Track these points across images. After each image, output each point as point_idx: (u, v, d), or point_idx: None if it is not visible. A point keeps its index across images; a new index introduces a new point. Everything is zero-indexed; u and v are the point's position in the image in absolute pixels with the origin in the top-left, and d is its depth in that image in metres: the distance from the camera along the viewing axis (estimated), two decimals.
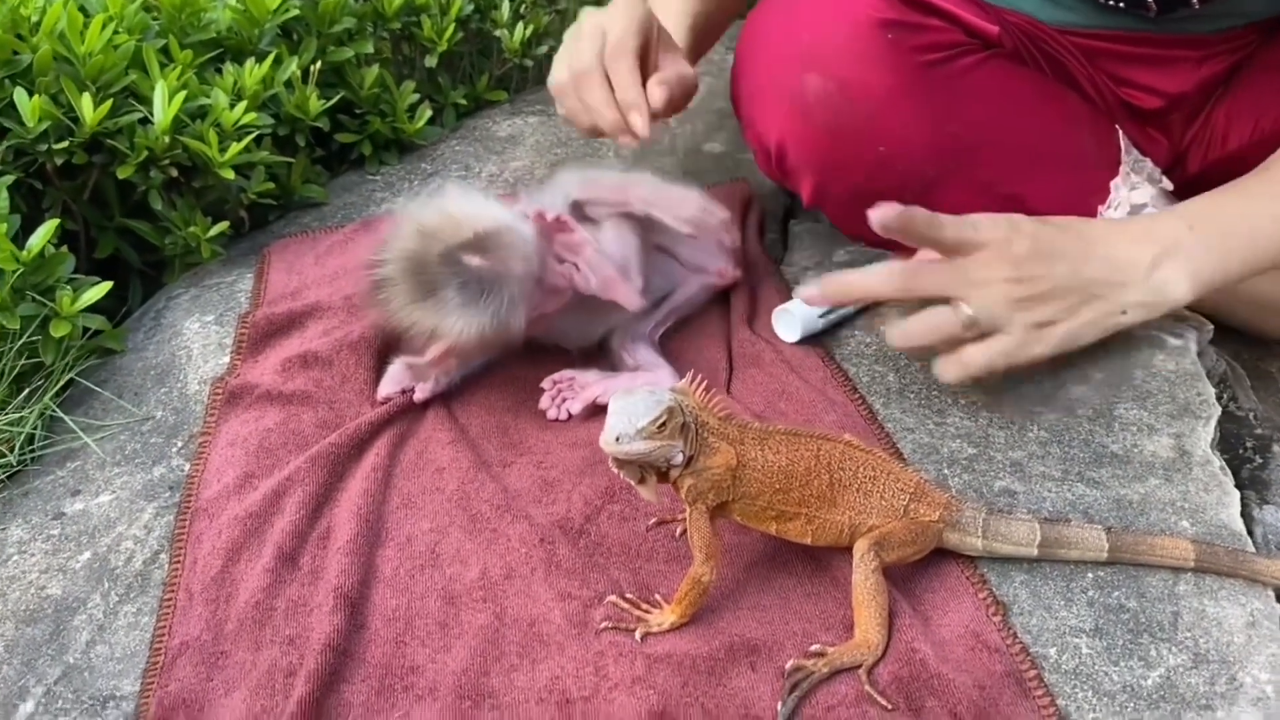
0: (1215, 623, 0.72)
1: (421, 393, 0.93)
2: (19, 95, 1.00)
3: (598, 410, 0.90)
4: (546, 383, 0.94)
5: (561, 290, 0.91)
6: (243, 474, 0.86)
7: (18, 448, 0.92)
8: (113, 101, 1.03)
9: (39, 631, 0.77)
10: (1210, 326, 0.98)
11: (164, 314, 1.08)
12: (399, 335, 0.90)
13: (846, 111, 0.92)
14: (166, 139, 1.05)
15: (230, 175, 1.08)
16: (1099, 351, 0.93)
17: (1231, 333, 1.06)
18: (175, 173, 1.08)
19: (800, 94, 0.93)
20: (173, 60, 1.12)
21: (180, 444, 0.92)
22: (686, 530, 0.73)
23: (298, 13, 1.25)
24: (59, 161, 1.04)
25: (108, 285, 0.98)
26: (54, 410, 0.95)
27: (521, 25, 1.43)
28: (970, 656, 0.69)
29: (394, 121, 1.31)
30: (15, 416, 0.93)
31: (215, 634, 0.74)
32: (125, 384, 1.00)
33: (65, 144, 1.02)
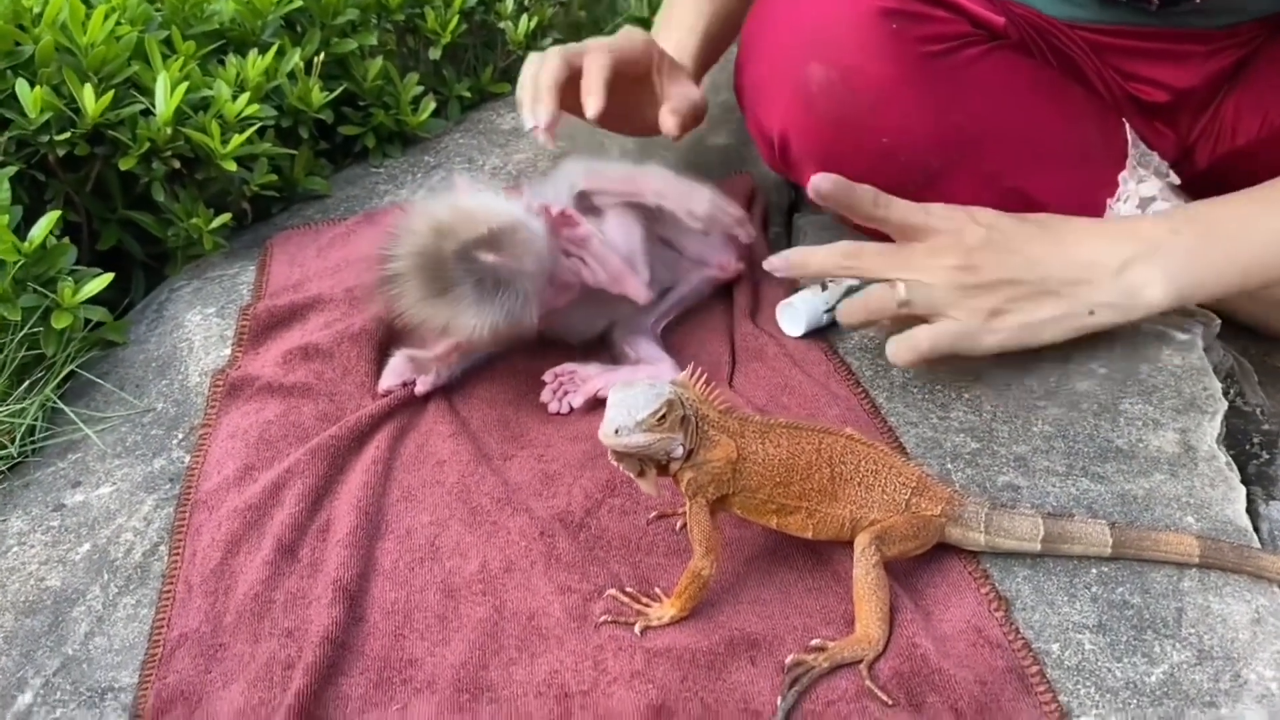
0: (1220, 619, 0.71)
1: (423, 385, 0.92)
2: (21, 86, 1.00)
3: (599, 403, 0.90)
4: (548, 376, 0.93)
5: (570, 285, 0.91)
6: (243, 466, 0.86)
7: (18, 439, 0.92)
8: (115, 93, 1.03)
9: (38, 623, 0.77)
10: (1218, 321, 0.97)
11: (166, 306, 1.08)
12: (405, 329, 0.89)
13: (850, 101, 0.92)
14: (168, 130, 1.04)
15: (232, 167, 1.08)
16: (1104, 346, 0.93)
17: (1239, 328, 1.05)
18: (177, 164, 1.08)
19: (803, 84, 0.93)
20: (175, 52, 1.12)
21: (181, 436, 0.92)
22: (686, 524, 0.73)
23: (301, 4, 1.24)
24: (61, 153, 1.03)
25: (109, 277, 0.98)
26: (55, 402, 0.95)
27: (526, 17, 1.43)
28: (972, 652, 0.69)
29: (397, 114, 1.31)
30: (16, 408, 0.93)
31: (214, 626, 0.74)
32: (126, 376, 1.00)
33: (67, 135, 1.02)
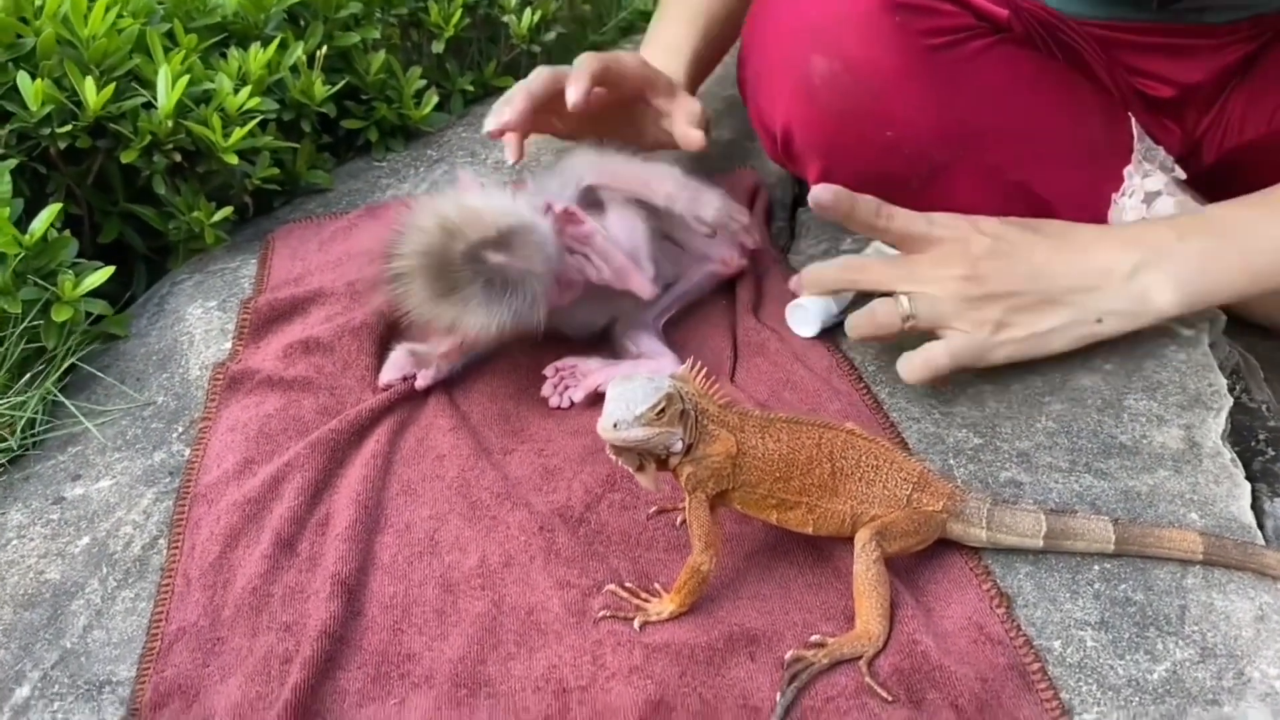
0: (1223, 616, 0.70)
1: (423, 380, 0.92)
2: (22, 79, 1.00)
3: (600, 398, 0.88)
4: (549, 370, 0.93)
5: (575, 283, 0.91)
6: (242, 460, 0.85)
7: (19, 432, 0.91)
8: (116, 85, 1.03)
9: (36, 616, 0.77)
10: (1223, 317, 0.96)
11: (167, 299, 1.08)
12: (408, 324, 0.89)
13: (853, 94, 0.91)
14: (170, 123, 1.04)
15: (234, 160, 1.07)
16: (1108, 342, 0.92)
17: (1246, 325, 1.04)
18: (179, 157, 1.08)
19: (806, 76, 0.92)
20: (177, 45, 1.11)
21: (181, 429, 0.91)
22: (686, 519, 0.72)
23: None
24: (62, 145, 1.03)
25: (109, 270, 0.98)
26: (55, 395, 0.95)
27: (529, 11, 1.42)
28: (973, 649, 0.68)
29: (400, 108, 1.31)
30: (17, 401, 0.93)
31: (212, 620, 0.74)
32: (128, 369, 0.99)
33: (68, 128, 1.02)
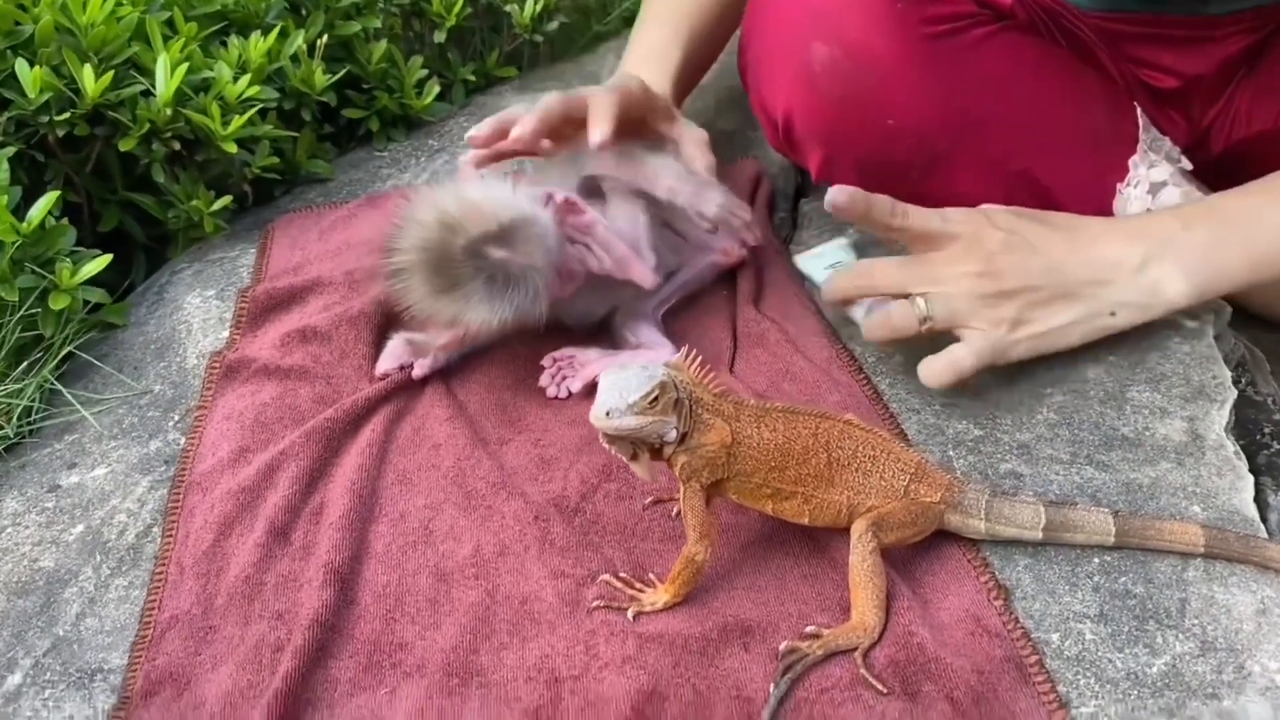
0: (1224, 610, 0.70)
1: (420, 369, 0.91)
2: (20, 66, 1.00)
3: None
4: (547, 360, 0.92)
5: (576, 274, 0.90)
6: (237, 448, 0.85)
7: (15, 420, 0.91)
8: (115, 73, 1.02)
9: (30, 604, 0.76)
10: (1228, 309, 0.95)
11: (166, 288, 1.08)
12: (406, 314, 0.88)
13: (854, 80, 0.90)
14: (169, 111, 1.04)
15: (233, 149, 1.07)
16: (1112, 334, 0.91)
17: (1252, 318, 1.03)
18: (178, 146, 1.07)
19: (807, 62, 0.91)
20: (177, 33, 1.11)
21: (177, 418, 0.91)
22: (681, 509, 0.72)
23: None
24: (60, 133, 1.03)
25: (107, 258, 0.97)
26: (53, 383, 0.95)
27: (532, 1, 1.41)
28: (970, 641, 0.68)
29: (402, 97, 1.30)
30: (14, 388, 0.93)
31: (205, 608, 0.74)
32: (125, 358, 0.99)
33: (66, 115, 1.01)
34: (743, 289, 1.01)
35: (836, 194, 0.81)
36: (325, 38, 1.22)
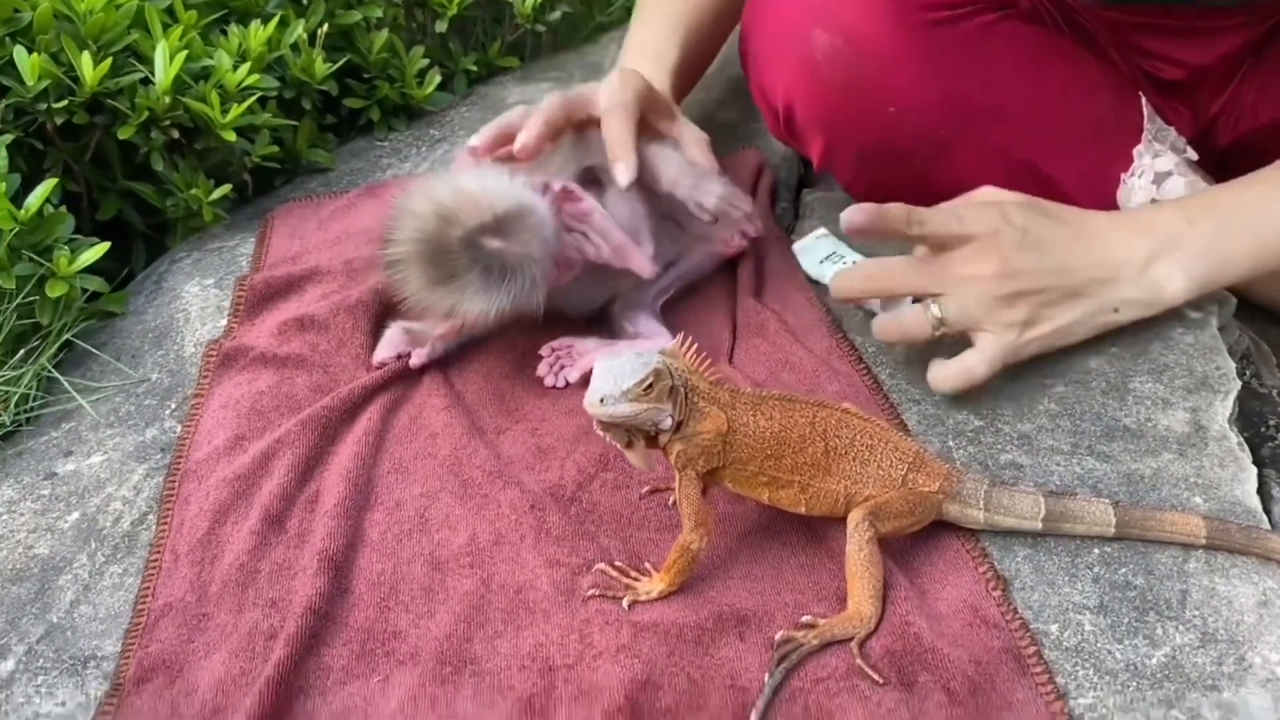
0: (1225, 601, 0.69)
1: (418, 358, 0.91)
2: (19, 53, 0.99)
3: None
4: (545, 349, 0.92)
5: (574, 263, 0.89)
6: (233, 436, 0.85)
7: (12, 408, 0.91)
8: (113, 61, 1.02)
9: (24, 590, 0.76)
10: (1233, 301, 0.94)
11: (165, 277, 1.07)
12: (401, 303, 0.88)
13: (855, 68, 0.89)
14: (167, 99, 1.03)
15: (232, 137, 1.06)
16: None
17: (1258, 309, 1.02)
18: (176, 134, 1.07)
19: (808, 50, 0.90)
20: (177, 21, 1.11)
21: (174, 406, 0.91)
22: (676, 498, 0.71)
23: None
24: (59, 121, 1.03)
25: (104, 246, 0.97)
26: (50, 371, 0.94)
27: None
28: (967, 631, 0.67)
29: (403, 87, 1.29)
30: (11, 376, 0.92)
31: (199, 596, 0.73)
32: (123, 346, 0.99)
33: (65, 103, 1.01)
34: (743, 279, 1.00)
35: (852, 215, 0.78)
36: (326, 27, 1.21)
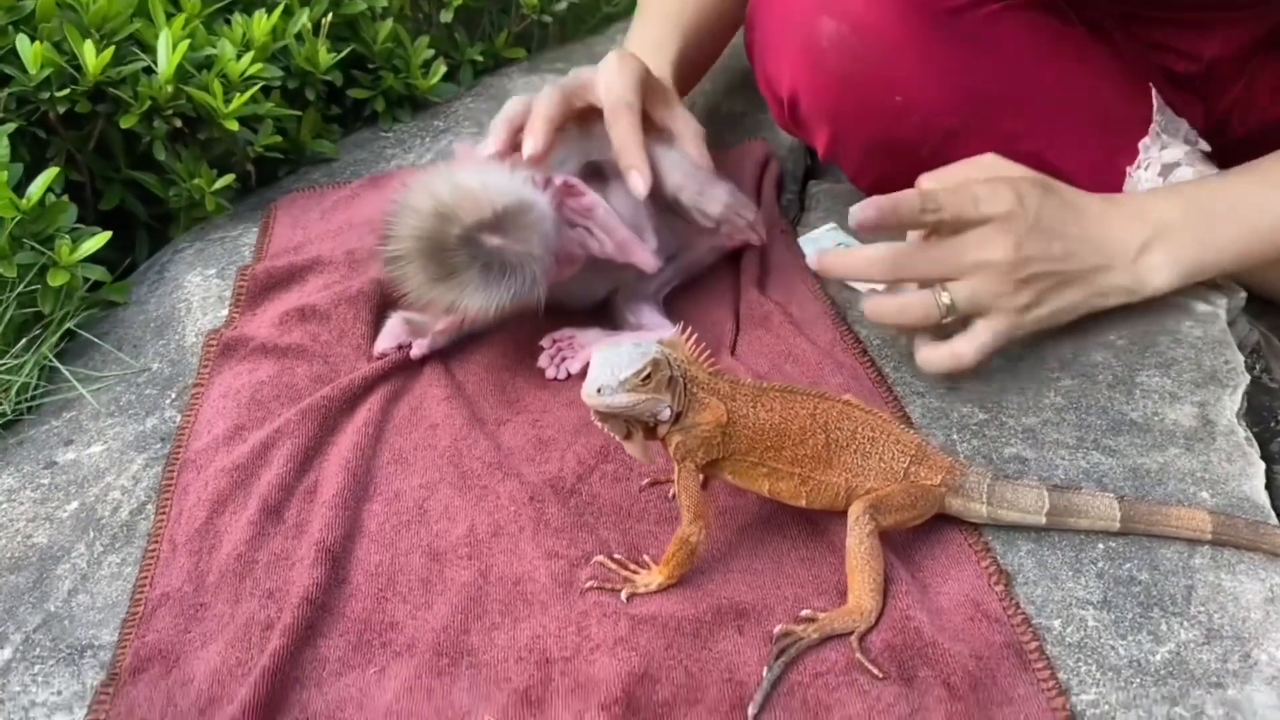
0: (1231, 597, 0.68)
1: (418, 349, 0.90)
2: (21, 41, 0.99)
3: None
4: (546, 341, 0.91)
5: (576, 257, 0.89)
6: (233, 426, 0.84)
7: (13, 396, 0.91)
8: (116, 50, 1.02)
9: (22, 579, 0.76)
10: (1243, 294, 0.93)
11: (168, 267, 1.07)
12: (403, 297, 0.87)
13: (861, 57, 0.89)
14: (170, 89, 1.03)
15: (235, 127, 1.06)
16: (1122, 317, 0.89)
17: (1269, 304, 1.01)
18: (179, 123, 1.07)
19: (814, 38, 0.90)
20: (180, 9, 1.10)
21: (174, 396, 0.91)
22: (675, 490, 0.70)
23: None
24: (61, 110, 1.02)
25: (106, 235, 0.97)
26: (51, 361, 0.94)
27: None
28: (969, 626, 0.66)
29: (408, 77, 1.29)
30: (13, 364, 0.92)
31: (196, 586, 0.73)
32: (125, 336, 0.99)
33: (67, 92, 1.01)
34: (747, 270, 1.00)
35: (864, 212, 0.76)
36: (330, 16, 1.21)
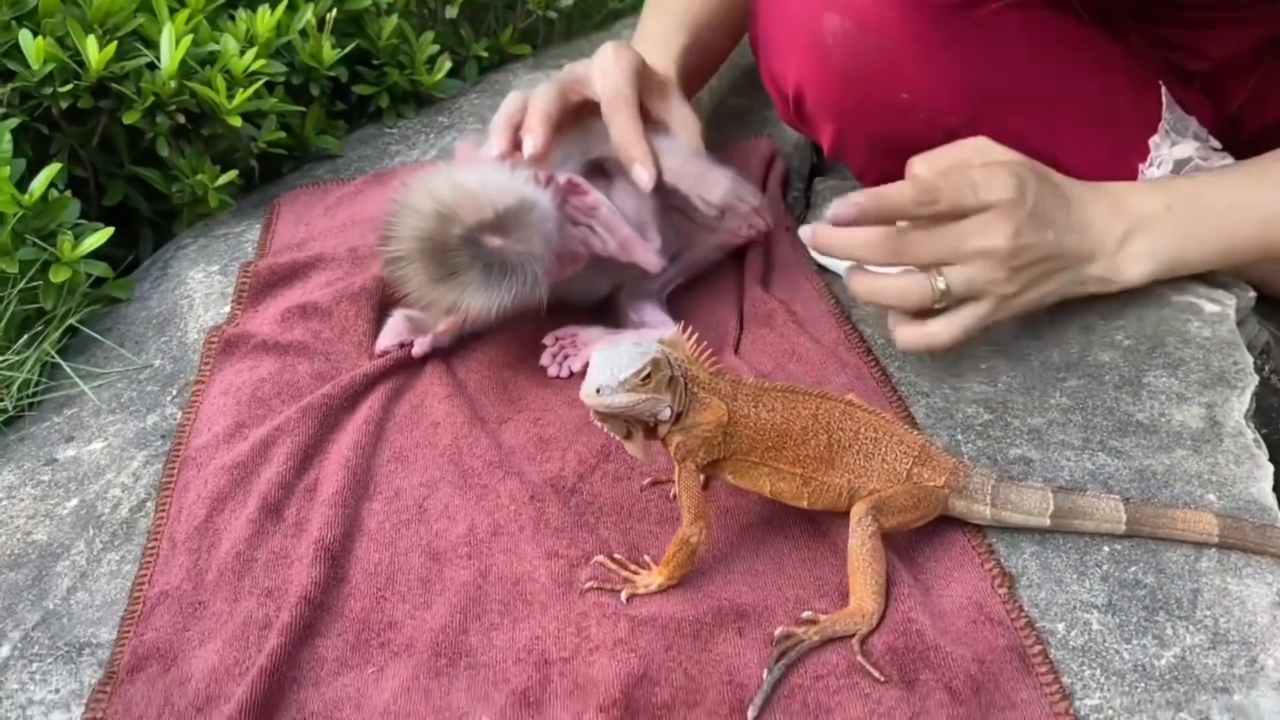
0: (1238, 601, 0.67)
1: (420, 347, 0.90)
2: (24, 37, 0.99)
3: None
4: (548, 339, 0.91)
5: (579, 256, 0.88)
6: (233, 423, 0.84)
7: (14, 392, 0.91)
8: (119, 45, 1.01)
9: (21, 577, 0.76)
10: (1252, 294, 0.92)
11: (170, 263, 1.07)
12: (406, 296, 0.87)
13: (866, 54, 0.88)
14: (173, 84, 1.03)
15: (238, 123, 1.06)
16: (1130, 316, 0.89)
17: (1276, 304, 1.00)
18: (182, 119, 1.06)
19: (819, 34, 0.89)
20: (184, 4, 1.10)
21: (175, 392, 0.90)
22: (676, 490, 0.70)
23: None
24: (64, 105, 1.02)
25: (109, 231, 0.97)
26: (53, 357, 0.94)
27: None
28: (971, 629, 0.66)
29: (412, 74, 1.28)
30: (14, 361, 0.92)
31: (195, 584, 0.73)
32: (127, 332, 0.99)
33: (70, 87, 1.01)
34: (751, 268, 0.99)
35: (844, 210, 0.76)
36: (335, 11, 1.20)
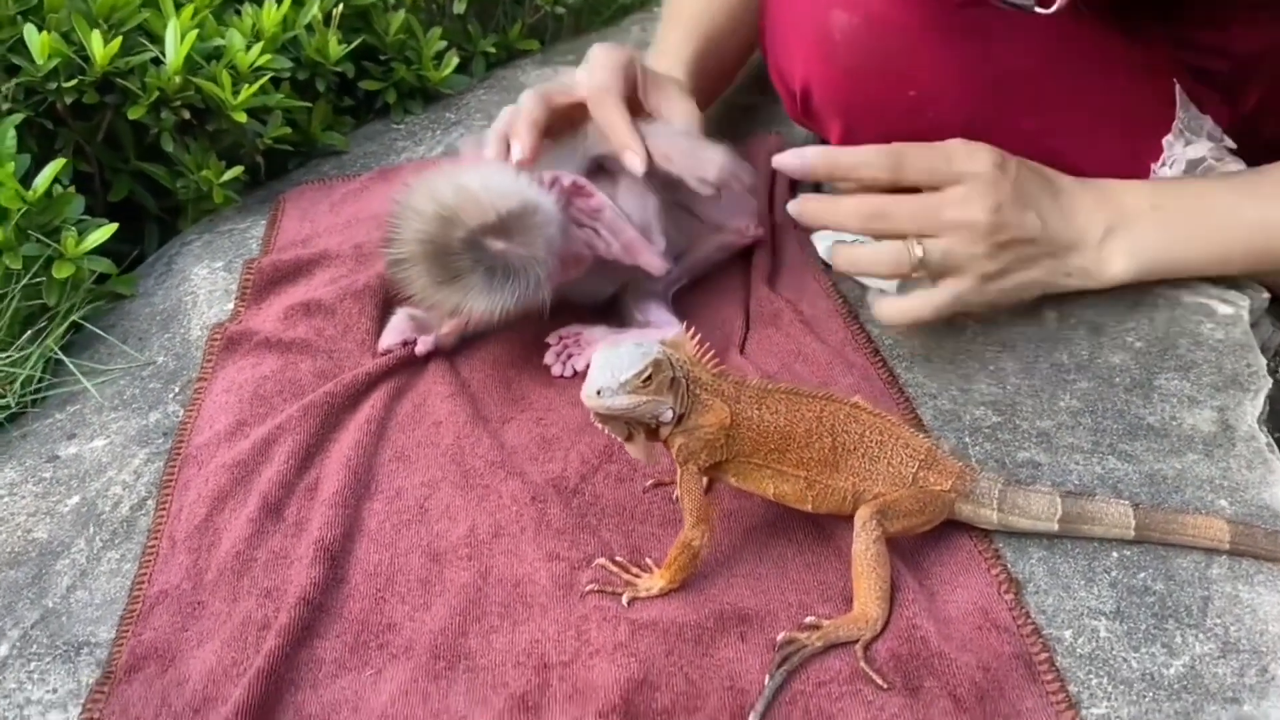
0: (1249, 609, 0.66)
1: (423, 345, 0.89)
2: (29, 32, 0.98)
3: None
4: (552, 338, 0.90)
5: (583, 258, 0.87)
6: (235, 421, 0.83)
7: (17, 389, 0.90)
8: (124, 40, 1.01)
9: (21, 575, 0.75)
10: (1265, 295, 0.91)
11: (175, 260, 1.06)
12: (410, 296, 0.86)
13: (874, 50, 0.87)
14: (178, 79, 1.02)
15: (243, 119, 1.05)
16: (1141, 318, 0.88)
17: None
18: (188, 115, 1.06)
19: (827, 31, 0.88)
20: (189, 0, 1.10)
21: (178, 390, 0.90)
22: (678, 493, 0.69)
23: None
24: (69, 101, 1.02)
25: (112, 227, 0.96)
26: (56, 353, 0.94)
27: None
28: (976, 636, 0.65)
29: (420, 69, 1.28)
30: (17, 357, 0.92)
31: (194, 583, 0.72)
32: (131, 329, 0.98)
33: (75, 82, 1.00)
34: (757, 268, 0.98)
35: (788, 159, 0.78)
36: (341, 7, 1.20)
